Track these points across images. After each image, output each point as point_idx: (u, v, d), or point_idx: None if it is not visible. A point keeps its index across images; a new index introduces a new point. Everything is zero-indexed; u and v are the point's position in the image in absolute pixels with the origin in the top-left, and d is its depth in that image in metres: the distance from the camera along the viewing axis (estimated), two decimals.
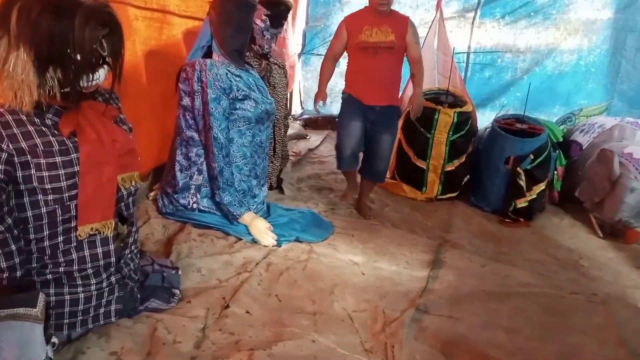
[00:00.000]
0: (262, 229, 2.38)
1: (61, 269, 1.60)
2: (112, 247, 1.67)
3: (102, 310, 1.71)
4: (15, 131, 1.44)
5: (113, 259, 1.68)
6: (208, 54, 2.57)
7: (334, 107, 5.71)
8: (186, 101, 2.48)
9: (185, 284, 2.00)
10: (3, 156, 1.43)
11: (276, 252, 2.29)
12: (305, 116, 5.71)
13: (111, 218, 1.64)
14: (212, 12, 2.51)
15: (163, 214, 2.57)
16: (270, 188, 3.30)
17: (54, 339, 1.57)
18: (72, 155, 1.52)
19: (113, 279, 1.72)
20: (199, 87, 2.39)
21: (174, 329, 1.70)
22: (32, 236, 1.55)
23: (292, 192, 3.30)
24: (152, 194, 2.84)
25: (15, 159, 1.45)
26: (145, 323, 1.74)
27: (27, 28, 1.37)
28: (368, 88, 2.97)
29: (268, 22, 3.17)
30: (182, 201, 2.53)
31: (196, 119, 2.45)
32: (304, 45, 5.66)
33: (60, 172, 1.50)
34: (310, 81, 5.79)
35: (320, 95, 3.16)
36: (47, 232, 1.56)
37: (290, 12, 3.48)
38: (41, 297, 1.44)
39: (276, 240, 2.37)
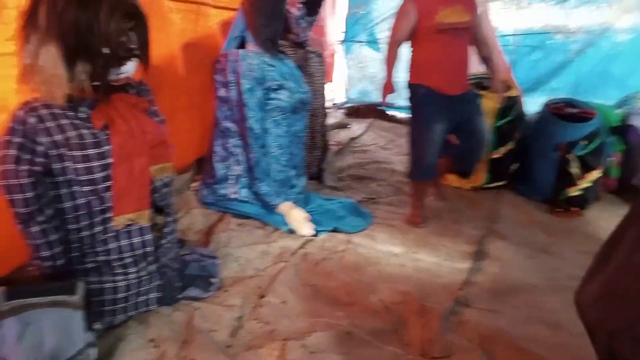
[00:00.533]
0: (299, 219, 2.36)
1: (100, 258, 1.64)
2: (148, 236, 1.70)
3: (142, 298, 1.75)
4: (50, 124, 1.48)
5: (150, 249, 1.71)
6: (243, 44, 2.57)
7: (374, 95, 5.64)
8: (222, 92, 2.49)
9: (223, 273, 2.01)
10: (40, 149, 1.47)
11: (313, 242, 2.27)
12: (347, 105, 5.65)
13: (146, 209, 1.66)
14: (245, 1, 2.50)
15: (204, 204, 2.60)
16: (311, 178, 3.28)
17: (97, 325, 1.63)
18: (105, 148, 1.54)
19: (152, 267, 1.76)
20: (234, 78, 2.40)
21: (210, 318, 1.72)
22: (71, 226, 1.59)
23: (333, 181, 3.26)
24: (194, 184, 2.88)
25: (51, 151, 1.49)
26: (183, 311, 1.77)
27: (54, 21, 1.39)
28: (450, 76, 2.56)
29: (304, 10, 3.14)
30: (221, 191, 2.55)
31: (232, 109, 2.45)
32: (345, 33, 5.58)
33: (94, 164, 1.53)
34: (353, 69, 5.72)
35: (389, 87, 2.67)
36: (86, 223, 1.60)
37: None
38: (80, 285, 1.48)
39: (314, 230, 2.35)
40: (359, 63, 5.70)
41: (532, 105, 3.88)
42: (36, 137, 1.46)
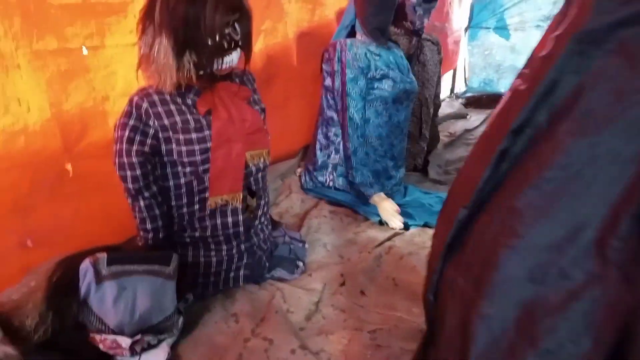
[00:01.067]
0: (389, 211, 2.35)
1: (197, 234, 1.80)
2: (241, 217, 1.81)
3: (232, 274, 1.88)
4: (160, 109, 1.64)
5: (242, 229, 1.83)
6: (352, 34, 2.59)
7: (501, 84, 5.34)
8: (328, 81, 2.54)
9: (310, 257, 2.09)
10: (151, 132, 1.64)
11: (403, 235, 2.25)
12: (468, 94, 5.42)
13: (239, 191, 1.78)
14: None
15: (304, 190, 2.70)
16: (415, 169, 3.23)
17: (189, 295, 1.79)
18: (206, 132, 1.68)
19: (243, 246, 1.88)
20: (339, 67, 2.43)
21: (290, 299, 1.80)
22: (173, 203, 1.76)
23: (438, 175, 3.18)
24: (298, 170, 2.99)
25: (160, 134, 1.65)
26: (267, 290, 1.87)
27: (166, 16, 1.53)
28: None
29: None
30: (320, 178, 2.63)
31: (335, 99, 2.50)
32: (470, 18, 5.33)
33: (196, 147, 1.67)
34: (476, 57, 5.46)
35: None
36: (186, 201, 1.76)
37: None
38: (175, 257, 1.64)
39: (402, 224, 2.32)
40: (484, 50, 5.42)
41: None
42: (148, 120, 1.63)
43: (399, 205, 2.47)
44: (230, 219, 1.80)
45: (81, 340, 1.46)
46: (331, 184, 2.59)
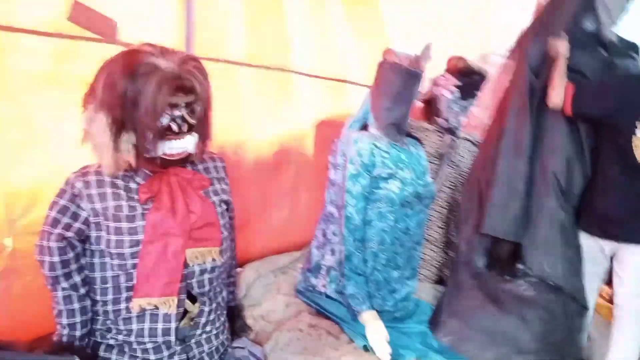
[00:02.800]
0: (377, 336, 1.97)
1: (121, 337, 1.54)
2: (173, 325, 1.54)
3: None
4: (94, 192, 1.46)
5: (173, 338, 1.55)
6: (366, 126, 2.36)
7: None
8: (332, 174, 2.30)
9: None
10: (82, 214, 1.46)
11: None
12: None
13: (173, 295, 1.51)
14: (373, 81, 2.30)
15: (296, 291, 2.39)
16: (440, 282, 2.83)
17: None
18: (138, 223, 1.46)
19: (177, 358, 1.59)
20: (342, 161, 2.19)
21: None
22: (98, 297, 1.53)
23: None
24: (301, 266, 2.70)
25: (91, 218, 1.46)
26: None
27: (107, 92, 1.38)
28: None
29: (458, 94, 2.82)
30: (312, 280, 2.32)
31: (337, 194, 2.23)
32: None
33: (125, 238, 1.46)
34: None
35: None
36: (112, 297, 1.52)
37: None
38: None
39: (389, 355, 1.93)
40: None
41: None
42: (80, 202, 1.46)
43: (398, 326, 2.10)
44: (160, 325, 1.53)
45: None
46: (323, 289, 2.27)
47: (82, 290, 1.51)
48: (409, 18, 2.93)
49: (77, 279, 1.50)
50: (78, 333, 1.52)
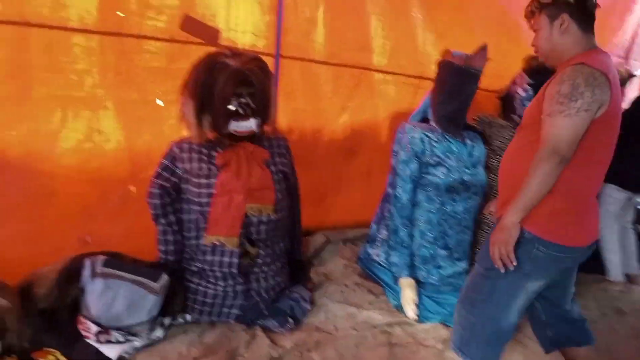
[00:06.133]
0: (407, 299, 2.28)
1: (198, 265, 2.08)
2: (235, 260, 2.04)
3: (224, 309, 2.09)
4: (185, 155, 2.01)
5: (235, 270, 2.05)
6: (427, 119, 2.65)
7: None
8: (393, 160, 2.63)
9: (309, 319, 2.17)
10: (177, 171, 2.03)
11: (412, 327, 2.17)
12: None
13: (235, 236, 2.01)
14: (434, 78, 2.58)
15: (357, 259, 2.78)
16: None
17: (186, 316, 2.06)
18: (212, 180, 1.98)
19: (239, 287, 2.09)
20: (398, 149, 2.51)
21: (257, 349, 1.91)
22: (185, 234, 2.10)
23: None
24: None
25: (181, 174, 2.02)
26: (249, 334, 2.01)
27: (192, 82, 1.92)
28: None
29: (531, 92, 2.95)
30: (369, 250, 2.68)
31: (394, 177, 2.56)
32: None
33: (203, 191, 1.99)
34: None
35: None
36: (194, 234, 2.08)
37: None
38: (163, 276, 1.95)
39: (415, 315, 2.23)
40: None
41: None
42: (175, 162, 2.03)
43: (435, 296, 2.38)
44: (226, 259, 2.04)
45: (71, 317, 1.85)
46: (376, 258, 2.62)
47: (175, 227, 2.08)
48: (486, 19, 3.09)
49: (172, 218, 2.07)
50: (171, 258, 2.10)
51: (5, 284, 1.88)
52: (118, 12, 2.08)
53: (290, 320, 2.12)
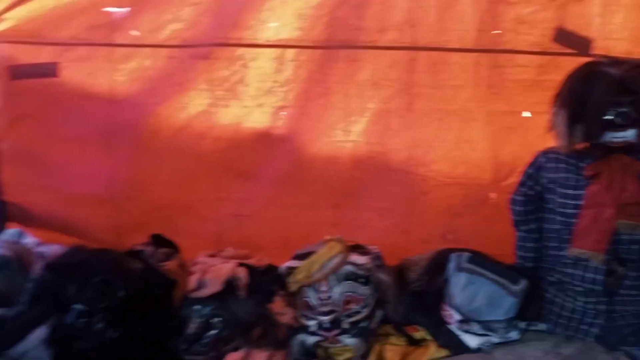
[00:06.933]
0: None
1: (557, 276, 2.08)
2: (599, 277, 1.94)
3: (583, 326, 2.01)
4: (551, 165, 2.04)
5: (600, 287, 1.95)
6: None
7: None
8: None
9: None
10: (542, 180, 2.08)
11: None
12: None
13: (601, 251, 1.91)
14: None
15: None
16: None
17: (540, 324, 2.09)
18: (578, 192, 1.94)
19: (600, 307, 1.98)
20: None
21: None
22: (544, 243, 2.12)
23: None
24: None
25: (547, 184, 2.06)
26: (609, 356, 1.90)
27: (566, 93, 1.92)
28: None
29: None
30: None
31: None
32: None
33: (568, 202, 1.97)
34: None
35: None
36: (555, 244, 2.07)
37: None
38: (523, 281, 2.02)
39: None
40: None
41: None
42: (540, 171, 2.07)
43: None
44: (589, 275, 1.96)
45: (436, 303, 2.12)
46: None
47: (535, 235, 2.13)
48: None
49: (532, 225, 2.13)
50: (528, 264, 2.15)
51: (385, 265, 2.29)
52: (494, 31, 2.26)
53: None
